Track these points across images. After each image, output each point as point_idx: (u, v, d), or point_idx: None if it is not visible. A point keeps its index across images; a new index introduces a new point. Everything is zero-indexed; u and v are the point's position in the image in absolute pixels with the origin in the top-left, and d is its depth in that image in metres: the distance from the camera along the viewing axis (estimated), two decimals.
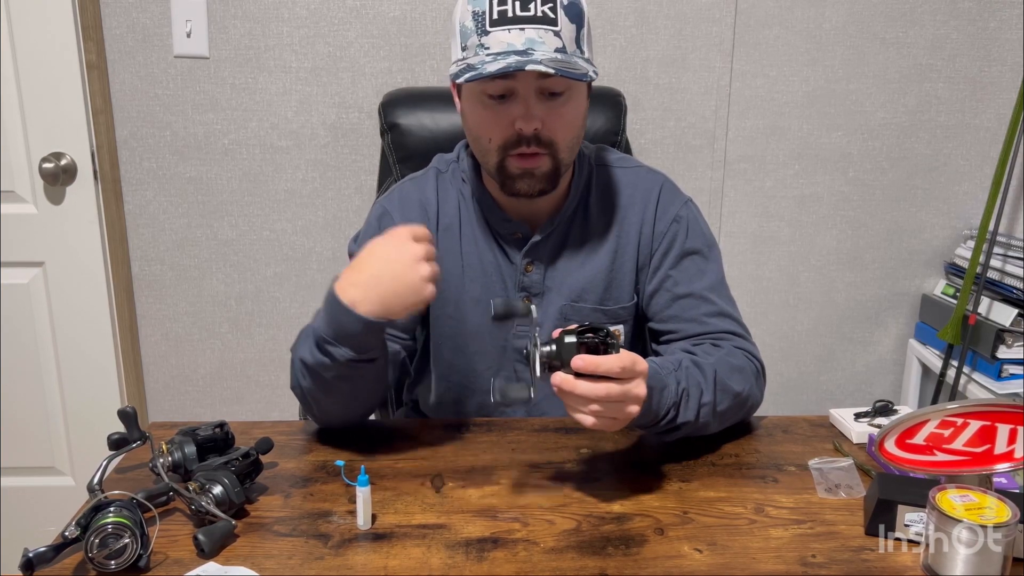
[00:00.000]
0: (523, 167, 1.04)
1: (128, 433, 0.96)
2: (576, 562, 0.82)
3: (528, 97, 1.01)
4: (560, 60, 0.97)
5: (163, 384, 2.04)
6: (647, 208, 1.16)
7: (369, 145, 1.89)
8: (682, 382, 0.98)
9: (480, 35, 0.99)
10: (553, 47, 0.98)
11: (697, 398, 0.99)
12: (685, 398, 0.98)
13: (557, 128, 1.03)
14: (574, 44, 1.00)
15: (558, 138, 1.04)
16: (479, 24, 0.99)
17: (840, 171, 1.95)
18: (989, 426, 0.83)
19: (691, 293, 1.13)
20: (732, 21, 1.85)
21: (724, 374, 1.03)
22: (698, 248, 1.16)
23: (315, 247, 1.96)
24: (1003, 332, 1.74)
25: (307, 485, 0.97)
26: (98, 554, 0.78)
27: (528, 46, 0.97)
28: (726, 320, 1.12)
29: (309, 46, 1.84)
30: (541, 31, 0.97)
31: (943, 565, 0.77)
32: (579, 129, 1.08)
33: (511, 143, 1.03)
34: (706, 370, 1.02)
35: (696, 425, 1.01)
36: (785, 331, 2.05)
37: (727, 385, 1.03)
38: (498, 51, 0.97)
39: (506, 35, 0.97)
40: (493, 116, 1.03)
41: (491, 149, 1.05)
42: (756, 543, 0.86)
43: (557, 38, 0.98)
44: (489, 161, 1.07)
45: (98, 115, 1.84)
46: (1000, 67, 1.88)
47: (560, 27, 0.98)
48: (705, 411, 1.00)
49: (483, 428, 1.13)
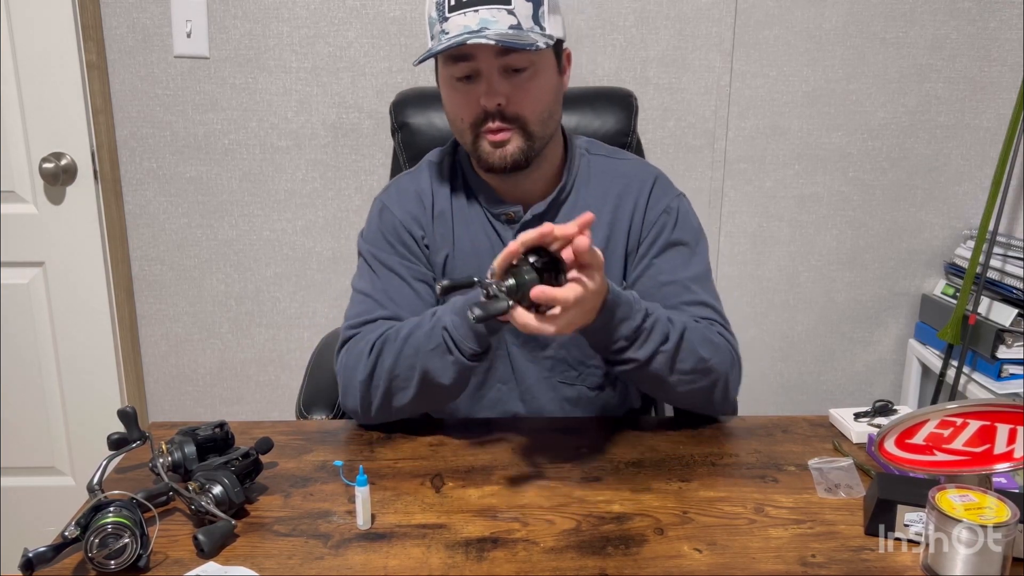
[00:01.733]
0: (493, 141, 1.08)
1: (128, 433, 0.96)
2: (576, 562, 0.82)
3: (490, 75, 1.05)
4: (510, 35, 1.01)
5: (163, 384, 2.04)
6: (640, 197, 1.18)
7: (369, 145, 1.89)
8: (647, 322, 1.00)
9: (441, 21, 1.05)
10: (507, 24, 1.02)
11: (657, 343, 1.01)
12: (644, 335, 1.00)
13: (523, 102, 1.07)
14: (531, 21, 1.04)
15: (525, 112, 1.07)
16: (440, 12, 1.05)
17: (840, 171, 1.95)
18: (989, 426, 0.83)
19: (674, 281, 1.14)
20: (732, 21, 1.85)
21: (694, 337, 1.05)
22: (685, 240, 1.17)
23: (315, 247, 1.96)
24: (1003, 332, 1.74)
25: (307, 485, 0.97)
26: (98, 554, 0.78)
27: (482, 26, 1.02)
28: (707, 309, 1.13)
29: (309, 46, 1.84)
30: (494, 10, 1.02)
31: (943, 565, 0.77)
32: (549, 103, 1.10)
33: (479, 120, 1.08)
34: (676, 325, 1.04)
35: (648, 370, 1.03)
36: (785, 331, 2.05)
37: (693, 347, 1.04)
38: (455, 34, 1.02)
39: (462, 18, 1.02)
40: (461, 97, 1.08)
41: (464, 129, 1.10)
42: (756, 543, 0.86)
43: (511, 16, 1.03)
44: (465, 141, 1.12)
45: (98, 115, 1.85)
46: (1000, 67, 1.88)
47: (514, 6, 1.03)
48: (661, 359, 1.02)
49: (483, 428, 1.13)
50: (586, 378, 1.20)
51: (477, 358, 1.03)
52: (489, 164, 1.10)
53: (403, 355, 1.04)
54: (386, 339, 1.07)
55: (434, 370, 1.03)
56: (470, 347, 1.01)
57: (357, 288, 1.17)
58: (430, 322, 1.04)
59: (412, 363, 1.04)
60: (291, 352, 2.02)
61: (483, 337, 1.01)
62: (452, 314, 1.02)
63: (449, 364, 1.02)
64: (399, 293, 1.14)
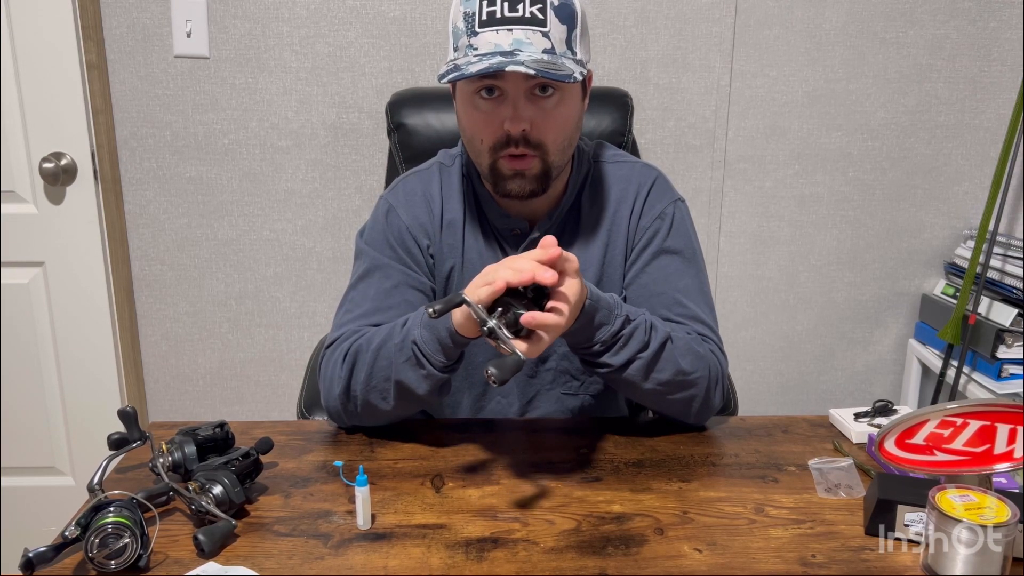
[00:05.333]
0: (513, 168, 1.05)
1: (128, 433, 0.96)
2: (576, 562, 0.82)
3: (517, 99, 1.01)
4: (546, 61, 0.97)
5: (163, 384, 2.04)
6: (636, 202, 1.16)
7: (369, 145, 1.89)
8: (625, 329, 0.99)
9: (469, 36, 1.00)
10: (541, 48, 0.98)
11: (634, 350, 1.00)
12: (622, 342, 0.99)
13: (546, 129, 1.03)
14: (564, 45, 1.00)
15: (547, 140, 1.04)
16: (469, 25, 1.00)
17: (840, 171, 1.95)
18: (989, 426, 0.83)
19: (665, 292, 1.12)
20: (732, 21, 1.85)
21: (678, 348, 1.03)
22: (678, 249, 1.14)
23: (315, 247, 1.96)
24: (1003, 332, 1.74)
25: (307, 485, 0.97)
26: (98, 554, 0.79)
27: (515, 47, 0.97)
28: (699, 324, 1.11)
29: (309, 46, 1.84)
30: (529, 32, 0.98)
31: (943, 565, 0.77)
32: (570, 131, 1.07)
33: (501, 144, 1.04)
34: (659, 334, 1.02)
35: (622, 376, 1.02)
36: (785, 331, 2.05)
37: (674, 358, 1.03)
38: (485, 52, 0.98)
39: (494, 36, 0.98)
40: (483, 117, 1.04)
41: (483, 150, 1.06)
42: (756, 543, 0.86)
43: (546, 39, 0.98)
44: (482, 162, 1.08)
45: (98, 115, 1.84)
46: (1000, 67, 1.88)
47: (549, 28, 0.99)
48: (637, 366, 1.01)
49: (483, 428, 1.13)
50: (588, 386, 1.20)
51: (449, 369, 1.01)
52: (507, 190, 1.06)
53: (377, 367, 1.02)
54: (358, 349, 1.05)
55: (408, 381, 1.01)
56: (440, 360, 0.99)
57: (349, 290, 1.14)
58: (400, 334, 1.01)
59: (387, 375, 1.02)
60: (291, 352, 2.02)
61: (451, 350, 0.99)
62: (421, 328, 0.99)
63: (422, 377, 1.01)
64: (392, 300, 1.10)
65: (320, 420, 1.22)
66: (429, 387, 1.01)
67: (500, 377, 0.84)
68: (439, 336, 0.97)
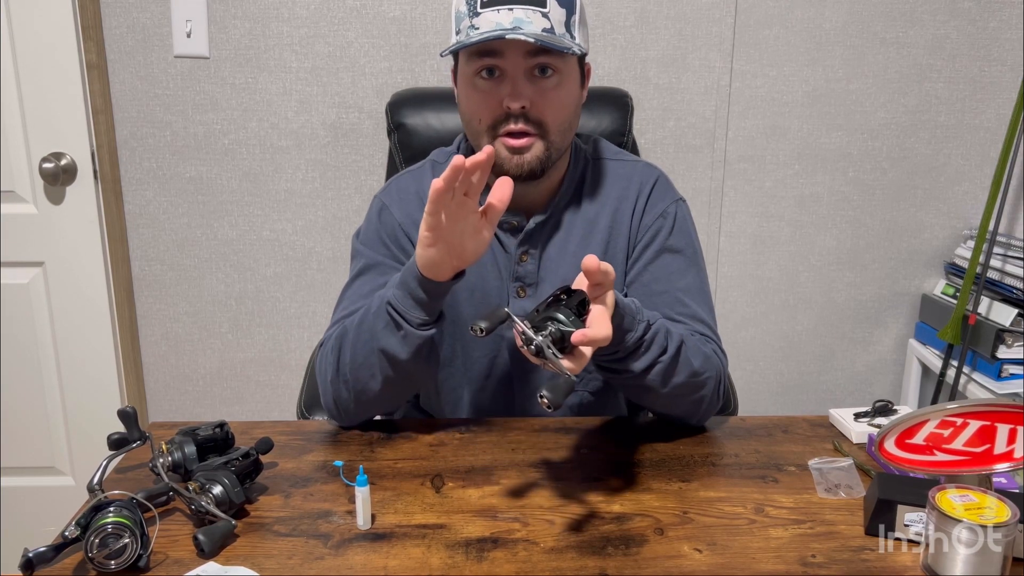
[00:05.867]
0: (513, 146, 1.05)
1: (128, 433, 0.96)
2: (576, 562, 0.82)
3: (516, 77, 1.03)
4: (545, 36, 1.00)
5: (163, 384, 2.04)
6: (639, 200, 1.16)
7: (369, 145, 1.89)
8: (647, 334, 0.99)
9: (471, 16, 1.02)
10: (540, 27, 1.00)
11: (655, 354, 1.00)
12: (645, 347, 0.99)
13: (546, 109, 1.04)
14: (563, 27, 1.02)
15: (548, 119, 1.05)
16: (471, 7, 1.02)
17: (840, 171, 1.95)
18: (989, 426, 0.83)
19: (666, 291, 1.12)
20: (732, 21, 1.85)
21: (690, 350, 1.04)
22: (680, 248, 1.15)
23: (315, 247, 1.96)
24: (1003, 332, 1.74)
25: (307, 485, 0.97)
26: (98, 554, 0.78)
27: (515, 24, 1.00)
28: (700, 324, 1.11)
29: (309, 46, 1.84)
30: (529, 11, 1.00)
31: (943, 565, 0.77)
32: (571, 113, 1.08)
33: (500, 121, 1.04)
34: (674, 337, 1.02)
35: (642, 381, 1.01)
36: (785, 331, 2.05)
37: (688, 359, 1.03)
38: (487, 30, 1.00)
39: (495, 15, 1.00)
40: (482, 97, 1.05)
41: (481, 131, 1.07)
42: (756, 543, 0.86)
43: (545, 19, 1.01)
44: (481, 143, 1.08)
45: (98, 115, 1.84)
46: (1000, 67, 1.88)
47: (549, 9, 1.01)
48: (657, 370, 1.00)
49: (483, 428, 1.13)
50: (588, 383, 1.20)
51: (427, 326, 1.00)
52: (505, 170, 1.06)
53: (360, 341, 1.03)
54: (344, 332, 1.05)
55: (389, 347, 1.00)
56: (417, 316, 0.98)
57: (345, 290, 1.15)
58: (377, 303, 1.02)
59: (370, 347, 1.02)
60: (291, 352, 2.02)
61: (427, 305, 0.98)
62: (394, 287, 0.99)
63: (401, 339, 1.00)
64: None
65: (320, 420, 1.22)
66: (411, 350, 1.00)
67: (554, 400, 0.80)
68: (410, 290, 0.97)
